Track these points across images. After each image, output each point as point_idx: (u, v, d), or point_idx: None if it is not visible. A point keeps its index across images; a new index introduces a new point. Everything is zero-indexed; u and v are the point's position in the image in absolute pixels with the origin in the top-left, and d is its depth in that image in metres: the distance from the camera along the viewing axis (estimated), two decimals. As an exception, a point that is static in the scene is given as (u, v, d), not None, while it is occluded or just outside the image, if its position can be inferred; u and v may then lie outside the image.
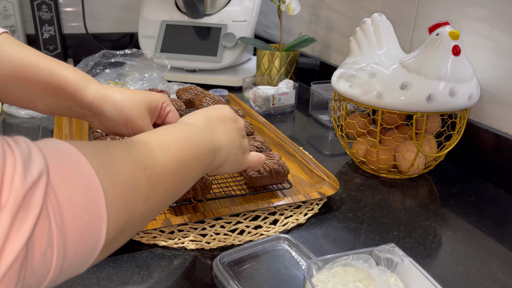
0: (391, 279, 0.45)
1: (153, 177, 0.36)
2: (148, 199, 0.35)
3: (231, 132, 0.51)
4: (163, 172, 0.38)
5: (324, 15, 1.26)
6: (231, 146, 0.51)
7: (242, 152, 0.53)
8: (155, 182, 0.36)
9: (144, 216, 0.36)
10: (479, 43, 0.76)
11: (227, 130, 0.51)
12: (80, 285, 0.49)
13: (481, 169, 0.77)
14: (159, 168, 0.37)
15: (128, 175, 0.33)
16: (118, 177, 0.32)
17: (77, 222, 0.27)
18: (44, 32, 1.48)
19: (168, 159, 0.39)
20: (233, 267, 0.52)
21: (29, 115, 1.00)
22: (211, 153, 0.46)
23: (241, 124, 0.54)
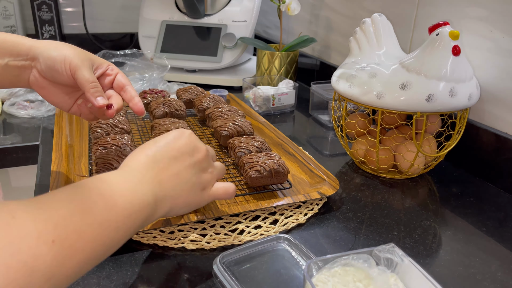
0: (391, 279, 0.45)
1: (64, 250, 0.31)
2: (53, 277, 0.30)
3: (182, 172, 0.46)
4: (78, 242, 0.32)
5: (324, 15, 1.26)
6: (180, 189, 0.46)
7: (200, 189, 0.49)
8: (65, 256, 0.31)
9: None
10: (479, 43, 0.76)
11: (178, 170, 0.46)
12: (80, 285, 0.49)
13: (481, 169, 0.77)
14: (74, 237, 0.32)
15: (29, 255, 0.29)
16: (15, 258, 0.28)
17: None
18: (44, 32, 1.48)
19: (89, 225, 0.34)
20: (233, 267, 0.52)
21: (29, 115, 1.00)
22: (149, 208, 0.41)
23: (199, 156, 0.49)
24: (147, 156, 0.45)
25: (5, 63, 0.53)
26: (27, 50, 0.53)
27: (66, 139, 0.83)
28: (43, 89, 0.55)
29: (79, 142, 0.83)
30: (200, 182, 0.49)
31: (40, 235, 0.30)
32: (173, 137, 0.48)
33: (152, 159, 0.45)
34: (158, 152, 0.46)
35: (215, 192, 0.52)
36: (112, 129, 0.79)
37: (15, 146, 0.87)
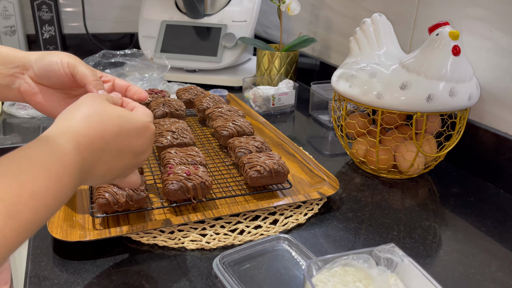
0: (391, 279, 0.45)
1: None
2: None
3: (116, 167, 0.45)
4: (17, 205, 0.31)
5: (324, 15, 1.26)
6: (101, 178, 0.44)
7: (115, 178, 0.47)
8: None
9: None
10: (479, 43, 0.76)
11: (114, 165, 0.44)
12: (80, 285, 0.49)
13: (481, 169, 0.77)
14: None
15: None
16: None
17: None
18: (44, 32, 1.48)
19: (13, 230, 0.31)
20: (233, 267, 0.52)
21: (29, 115, 1.00)
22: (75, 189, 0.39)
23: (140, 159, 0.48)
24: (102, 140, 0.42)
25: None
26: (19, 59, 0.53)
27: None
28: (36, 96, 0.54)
29: (79, 142, 0.83)
30: (121, 175, 0.48)
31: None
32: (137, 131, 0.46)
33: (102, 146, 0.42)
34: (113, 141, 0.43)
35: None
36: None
37: (15, 146, 0.87)
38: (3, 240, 0.30)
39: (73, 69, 0.53)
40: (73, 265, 0.52)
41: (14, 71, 0.54)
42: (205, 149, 0.84)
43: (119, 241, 0.57)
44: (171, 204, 0.63)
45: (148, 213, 0.61)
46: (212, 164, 0.77)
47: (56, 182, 0.36)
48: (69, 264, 0.52)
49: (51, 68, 0.53)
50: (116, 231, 0.55)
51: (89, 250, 0.55)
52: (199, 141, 0.87)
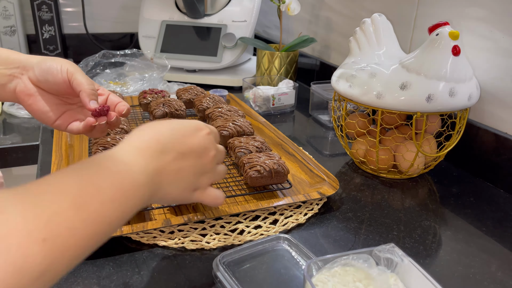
0: (391, 279, 0.45)
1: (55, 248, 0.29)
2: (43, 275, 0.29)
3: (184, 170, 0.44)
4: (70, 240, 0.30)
5: (324, 15, 1.26)
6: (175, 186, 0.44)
7: (193, 190, 0.47)
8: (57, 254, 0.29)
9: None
10: (479, 43, 0.76)
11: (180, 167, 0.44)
12: (80, 285, 0.49)
13: (481, 169, 0.77)
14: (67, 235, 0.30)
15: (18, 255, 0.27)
16: (3, 258, 0.26)
17: None
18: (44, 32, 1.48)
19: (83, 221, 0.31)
20: (233, 267, 0.52)
21: (29, 115, 1.00)
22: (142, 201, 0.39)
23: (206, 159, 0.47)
24: (158, 142, 0.42)
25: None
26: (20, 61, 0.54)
27: (66, 139, 0.83)
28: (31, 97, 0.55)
29: (79, 142, 0.83)
30: (196, 183, 0.47)
31: (30, 233, 0.28)
32: (190, 131, 0.46)
33: (161, 148, 0.42)
34: (170, 142, 0.43)
35: (205, 198, 0.49)
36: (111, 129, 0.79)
37: (15, 146, 0.87)
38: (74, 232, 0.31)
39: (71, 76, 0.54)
40: (73, 265, 0.52)
41: (13, 71, 0.55)
42: (205, 149, 0.84)
43: (119, 241, 0.57)
44: (171, 204, 0.63)
45: (148, 213, 0.61)
46: (212, 164, 0.77)
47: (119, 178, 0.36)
48: (69, 264, 0.52)
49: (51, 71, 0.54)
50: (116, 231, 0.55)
51: (89, 250, 0.55)
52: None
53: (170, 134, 0.44)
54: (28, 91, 0.55)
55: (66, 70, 0.54)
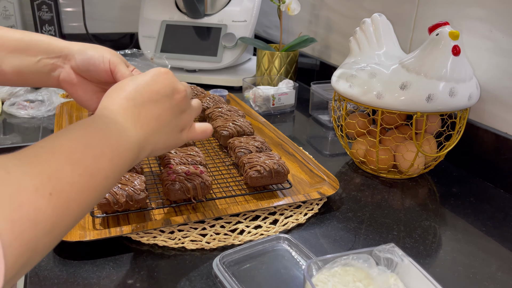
0: (391, 279, 0.45)
1: (61, 202, 0.32)
2: (54, 228, 0.31)
3: (162, 115, 0.46)
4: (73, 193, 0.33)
5: (324, 15, 1.26)
6: (160, 133, 0.46)
7: (179, 131, 0.50)
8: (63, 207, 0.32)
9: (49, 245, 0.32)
10: (479, 43, 0.76)
11: (158, 113, 0.46)
12: (80, 285, 0.49)
13: (481, 169, 0.77)
14: (68, 189, 0.33)
15: (30, 208, 0.29)
16: (18, 213, 0.28)
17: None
18: (44, 32, 1.48)
19: (80, 175, 0.34)
20: (233, 267, 0.52)
21: (29, 115, 1.00)
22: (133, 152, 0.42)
23: (178, 98, 0.49)
24: (127, 99, 0.44)
25: (38, 60, 0.54)
26: (61, 49, 0.55)
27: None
28: (73, 86, 0.56)
29: (79, 142, 0.83)
30: (179, 124, 0.49)
31: (37, 188, 0.30)
32: (151, 77, 0.47)
33: (132, 102, 0.44)
34: (139, 94, 0.45)
35: (193, 134, 0.52)
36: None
37: (15, 146, 0.87)
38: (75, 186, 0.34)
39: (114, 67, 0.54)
40: (73, 265, 0.52)
41: (55, 61, 0.55)
42: (205, 149, 0.84)
43: (119, 241, 0.57)
44: (171, 204, 0.63)
45: (148, 213, 0.61)
46: (212, 164, 0.77)
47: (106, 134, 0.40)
48: (69, 264, 0.52)
49: (93, 62, 0.54)
50: (116, 231, 0.55)
51: (89, 250, 0.55)
52: (199, 141, 0.87)
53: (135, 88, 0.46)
54: (71, 80, 0.56)
55: (109, 61, 0.54)
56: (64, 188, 0.32)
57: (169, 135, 0.48)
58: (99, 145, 0.38)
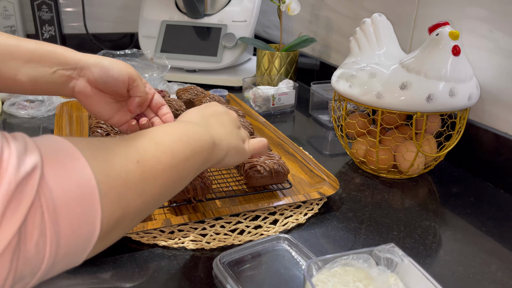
0: (391, 279, 0.45)
1: (147, 170, 0.37)
2: (143, 193, 0.36)
3: (227, 125, 0.52)
4: (158, 166, 0.38)
5: (324, 15, 1.26)
6: (230, 137, 0.51)
7: (242, 141, 0.54)
8: (150, 176, 0.37)
9: (139, 210, 0.36)
10: (479, 43, 0.76)
11: (223, 123, 0.52)
12: (80, 285, 0.49)
13: (481, 169, 0.77)
14: (154, 161, 0.38)
15: (121, 169, 0.34)
16: (112, 170, 0.33)
17: (70, 214, 0.28)
18: (44, 32, 1.48)
19: (163, 152, 0.39)
20: (233, 267, 0.52)
21: (29, 115, 1.00)
22: (209, 147, 0.46)
23: (234, 115, 0.55)
24: (195, 113, 0.51)
25: (53, 71, 0.55)
26: (76, 61, 0.56)
27: (66, 139, 0.83)
28: (88, 98, 0.58)
29: (79, 142, 0.83)
30: (241, 134, 0.54)
31: (126, 155, 0.35)
32: (208, 104, 0.55)
33: (201, 115, 0.51)
34: (203, 111, 0.52)
35: (253, 145, 0.56)
36: (112, 129, 0.80)
37: (15, 146, 0.87)
38: (159, 160, 0.38)
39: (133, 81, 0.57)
40: (73, 265, 0.52)
41: (70, 73, 0.56)
42: (205, 149, 0.84)
43: (119, 241, 0.56)
44: (171, 204, 0.63)
45: (148, 213, 0.61)
46: (212, 164, 0.77)
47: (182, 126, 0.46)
48: (69, 264, 0.52)
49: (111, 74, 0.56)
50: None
51: (89, 250, 0.55)
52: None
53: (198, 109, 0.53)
54: (86, 93, 0.57)
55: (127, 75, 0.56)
56: (149, 160, 0.37)
57: (238, 142, 0.52)
58: (177, 134, 0.43)
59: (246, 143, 0.55)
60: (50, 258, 0.27)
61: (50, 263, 0.27)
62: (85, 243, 0.30)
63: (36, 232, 0.25)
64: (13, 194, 0.24)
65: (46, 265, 0.27)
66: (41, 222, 0.26)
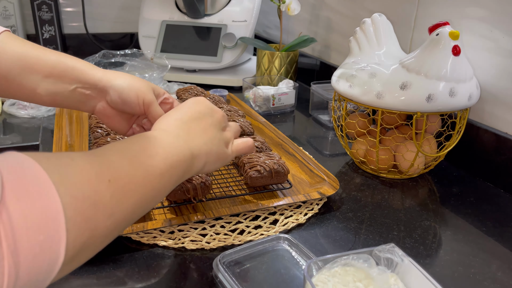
0: (391, 279, 0.45)
1: (119, 189, 0.35)
2: (113, 214, 0.34)
3: (208, 130, 0.50)
4: (130, 184, 0.36)
5: (324, 15, 1.26)
6: (210, 144, 0.49)
7: (225, 145, 0.52)
8: (121, 195, 0.35)
9: (109, 231, 0.34)
10: (479, 43, 0.76)
11: (204, 128, 0.50)
12: (80, 285, 0.49)
13: (481, 169, 0.77)
14: (126, 179, 0.36)
15: (91, 190, 0.32)
16: (80, 192, 0.31)
17: (32, 242, 0.26)
18: (44, 32, 1.48)
19: (136, 169, 0.38)
20: (233, 267, 0.52)
21: (29, 115, 1.00)
22: (187, 160, 0.45)
23: (218, 116, 0.52)
24: (175, 119, 0.49)
25: (73, 88, 0.55)
26: (96, 81, 0.55)
27: (66, 139, 0.83)
28: (108, 118, 0.58)
29: (79, 142, 0.83)
30: (223, 138, 0.52)
31: (97, 174, 0.33)
32: (191, 102, 0.52)
33: (180, 121, 0.48)
34: (184, 115, 0.49)
35: (237, 147, 0.55)
36: (112, 129, 0.79)
37: (15, 146, 0.87)
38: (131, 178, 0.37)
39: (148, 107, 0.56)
40: (73, 265, 0.52)
41: (90, 93, 0.56)
42: (205, 149, 0.84)
43: (119, 241, 0.57)
44: (171, 204, 0.63)
45: (148, 213, 0.61)
46: (212, 164, 0.77)
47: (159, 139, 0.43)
48: (69, 264, 0.52)
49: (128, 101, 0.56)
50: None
51: (89, 250, 0.54)
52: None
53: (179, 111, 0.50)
54: (106, 113, 0.58)
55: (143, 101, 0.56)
56: (122, 177, 0.35)
57: (218, 148, 0.51)
58: (153, 148, 0.41)
59: (229, 145, 0.53)
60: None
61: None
62: (47, 271, 0.28)
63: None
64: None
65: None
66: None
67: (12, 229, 0.25)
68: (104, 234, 0.34)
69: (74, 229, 0.29)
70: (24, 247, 0.26)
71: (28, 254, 0.26)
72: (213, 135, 0.50)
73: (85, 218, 0.31)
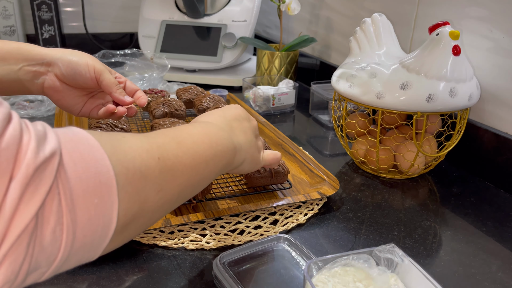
0: (391, 279, 0.45)
1: (167, 168, 0.36)
2: (162, 190, 0.35)
3: (247, 132, 0.52)
4: (178, 165, 0.38)
5: (324, 15, 1.26)
6: (249, 145, 0.51)
7: (258, 151, 0.54)
8: (169, 174, 0.36)
9: (157, 206, 0.36)
10: (479, 43, 0.76)
11: (244, 129, 0.51)
12: (80, 285, 0.49)
13: (481, 169, 0.77)
14: (174, 160, 0.37)
15: (141, 163, 0.33)
16: (131, 163, 0.32)
17: (87, 204, 0.27)
18: (44, 32, 1.48)
19: (184, 153, 0.39)
20: (233, 267, 0.51)
21: (29, 115, 1.00)
22: (231, 151, 0.46)
23: (254, 123, 0.54)
24: (218, 115, 0.50)
25: (19, 68, 0.54)
26: (42, 56, 0.55)
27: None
28: (58, 93, 0.57)
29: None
30: (258, 145, 0.54)
31: (147, 151, 0.35)
32: (230, 106, 0.54)
33: (223, 117, 0.50)
34: (226, 114, 0.51)
35: (267, 157, 0.56)
36: (112, 129, 0.79)
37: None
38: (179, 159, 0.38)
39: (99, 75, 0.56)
40: (73, 265, 0.52)
41: (37, 68, 0.55)
42: (205, 149, 0.84)
43: (119, 241, 0.56)
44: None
45: (148, 213, 0.61)
46: (212, 164, 0.77)
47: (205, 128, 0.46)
48: (69, 264, 0.52)
49: (78, 70, 0.55)
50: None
51: (89, 250, 0.54)
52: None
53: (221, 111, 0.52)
54: (56, 88, 0.56)
55: (93, 69, 0.55)
56: (170, 158, 0.37)
57: (255, 150, 0.52)
58: (200, 135, 0.43)
59: (261, 153, 0.55)
60: (66, 247, 0.26)
61: (66, 254, 0.27)
62: (101, 235, 0.29)
63: (53, 218, 0.25)
64: (31, 178, 0.24)
65: (62, 255, 0.26)
66: (58, 209, 0.25)
67: (70, 189, 0.26)
68: (153, 208, 0.35)
69: (126, 198, 0.31)
70: (80, 208, 0.27)
71: (84, 215, 0.27)
72: (250, 138, 0.52)
73: (135, 189, 0.32)
